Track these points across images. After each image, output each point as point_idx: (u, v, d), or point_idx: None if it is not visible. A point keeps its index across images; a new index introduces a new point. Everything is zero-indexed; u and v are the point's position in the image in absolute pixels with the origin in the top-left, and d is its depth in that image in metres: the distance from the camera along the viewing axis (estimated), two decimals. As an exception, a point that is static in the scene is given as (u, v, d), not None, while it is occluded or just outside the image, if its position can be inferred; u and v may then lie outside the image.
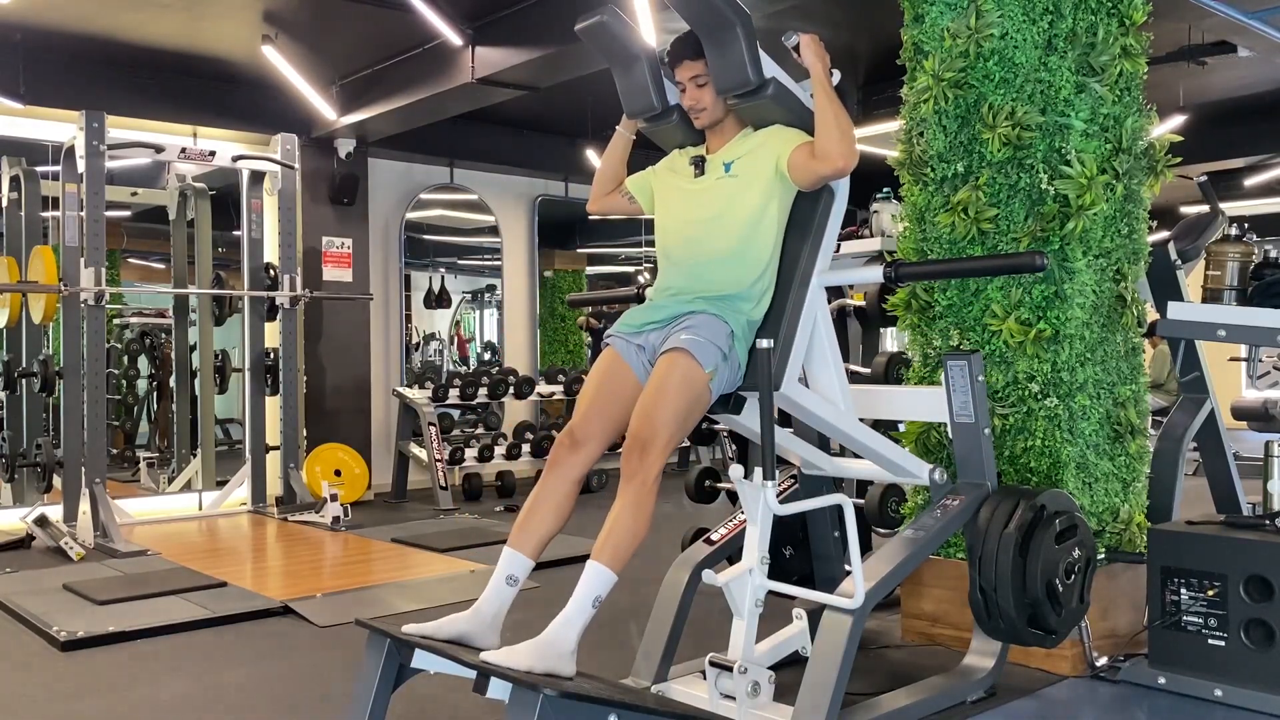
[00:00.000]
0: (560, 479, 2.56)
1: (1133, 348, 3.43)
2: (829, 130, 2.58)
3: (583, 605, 2.33)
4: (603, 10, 2.69)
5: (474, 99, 6.19)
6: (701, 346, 2.52)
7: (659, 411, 2.47)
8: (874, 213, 4.56)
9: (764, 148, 2.70)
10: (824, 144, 2.59)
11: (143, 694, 3.15)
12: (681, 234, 2.77)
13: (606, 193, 3.05)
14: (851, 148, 2.58)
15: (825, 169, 2.60)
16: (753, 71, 2.60)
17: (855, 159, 2.59)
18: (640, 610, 3.13)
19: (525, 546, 2.51)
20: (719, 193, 2.71)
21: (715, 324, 2.57)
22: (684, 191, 2.80)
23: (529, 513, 2.54)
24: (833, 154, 2.57)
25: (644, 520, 2.40)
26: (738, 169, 2.71)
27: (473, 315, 9.13)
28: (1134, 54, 3.36)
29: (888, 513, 3.76)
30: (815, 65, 2.67)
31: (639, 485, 2.40)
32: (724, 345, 2.55)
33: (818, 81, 2.65)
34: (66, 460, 5.77)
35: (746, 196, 2.67)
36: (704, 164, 2.77)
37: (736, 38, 2.56)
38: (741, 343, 2.61)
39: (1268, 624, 2.81)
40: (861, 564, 2.53)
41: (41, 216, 6.68)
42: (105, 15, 5.60)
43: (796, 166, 2.63)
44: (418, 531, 5.73)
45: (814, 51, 2.69)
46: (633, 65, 2.79)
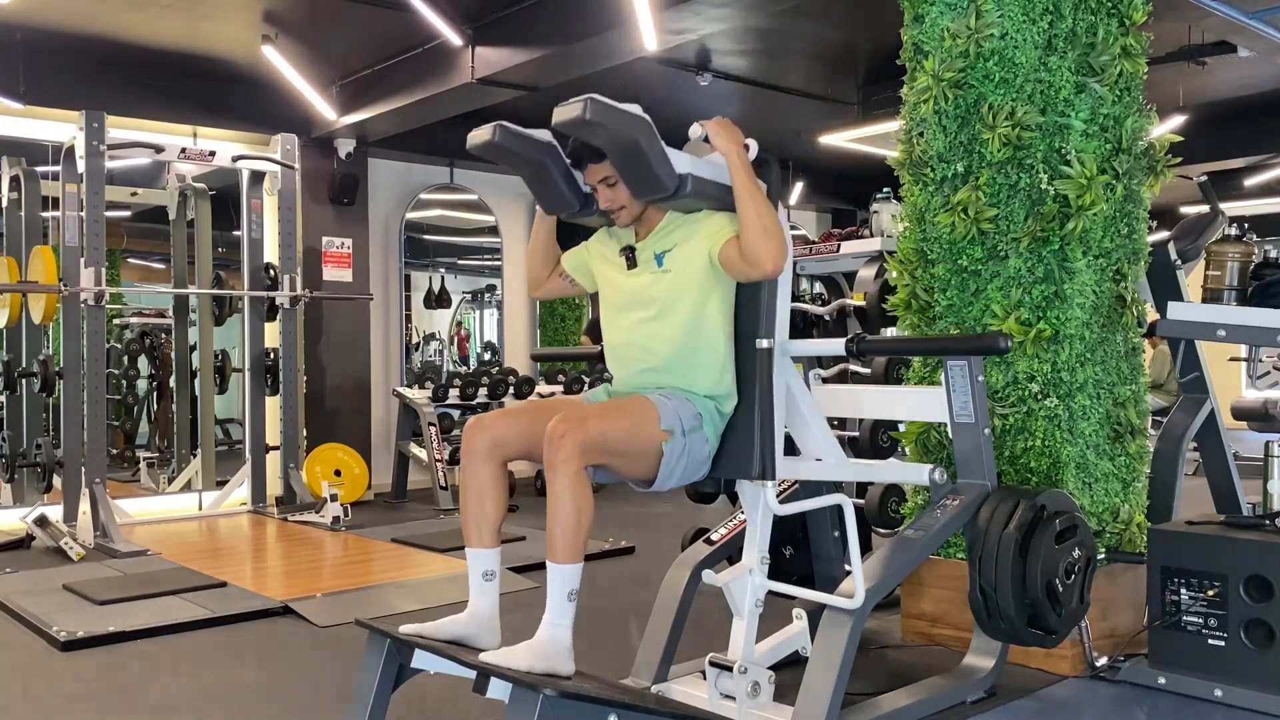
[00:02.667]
0: (475, 463, 2.47)
1: (1133, 348, 3.43)
2: (753, 233, 2.43)
3: (560, 604, 2.31)
4: (492, 127, 2.54)
5: (474, 99, 6.19)
6: (665, 407, 2.46)
7: (597, 418, 2.40)
8: (874, 213, 4.55)
9: (694, 239, 2.56)
10: (750, 249, 2.44)
11: (143, 694, 3.15)
12: (626, 338, 2.66)
13: (545, 277, 2.90)
14: (779, 247, 2.44)
15: (756, 274, 2.47)
16: (666, 179, 2.44)
17: (784, 258, 2.46)
18: (640, 610, 3.13)
19: (481, 540, 2.47)
20: (655, 291, 2.59)
21: (684, 401, 2.51)
22: (619, 288, 2.69)
23: (466, 508, 2.49)
24: (760, 258, 2.43)
25: (584, 504, 2.31)
26: (670, 263, 2.58)
27: (473, 315, 9.13)
28: (1134, 54, 3.36)
29: (888, 513, 3.76)
30: (728, 153, 2.50)
31: (563, 466, 2.30)
32: (686, 421, 2.48)
33: (734, 172, 2.48)
34: (66, 460, 5.77)
35: (684, 296, 2.55)
36: (634, 255, 2.64)
37: (641, 150, 2.39)
38: (710, 427, 2.53)
39: (1268, 624, 2.81)
40: (861, 564, 2.53)
41: (41, 216, 6.68)
42: (105, 15, 5.60)
43: (728, 263, 2.51)
44: (418, 531, 5.73)
45: (725, 136, 2.51)
46: (539, 169, 2.63)
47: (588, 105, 2.29)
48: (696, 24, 4.90)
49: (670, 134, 2.49)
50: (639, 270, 2.64)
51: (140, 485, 7.20)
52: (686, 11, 4.71)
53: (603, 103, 2.33)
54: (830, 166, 9.35)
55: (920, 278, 3.46)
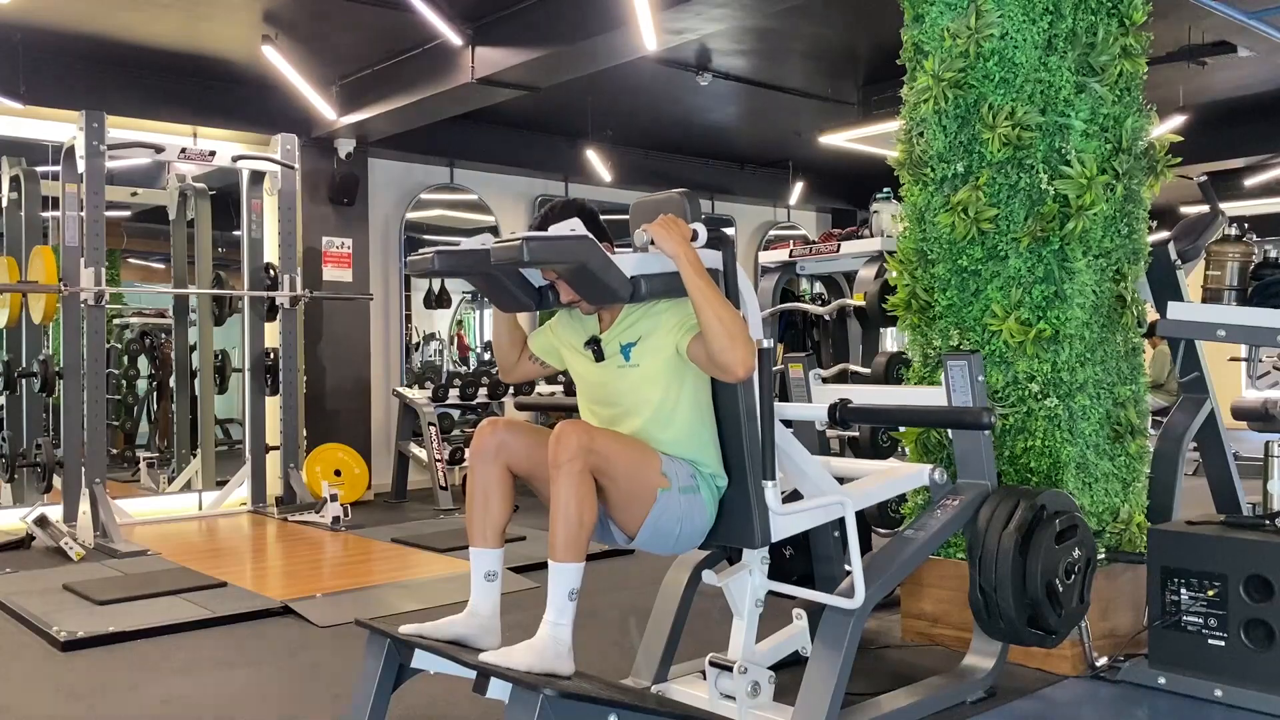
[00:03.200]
0: (484, 464, 2.48)
1: (1133, 348, 3.43)
2: (718, 341, 2.31)
3: (561, 604, 2.31)
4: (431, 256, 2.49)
5: (474, 99, 6.20)
6: (666, 459, 2.45)
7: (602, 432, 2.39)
8: (874, 213, 4.57)
9: (659, 332, 2.49)
10: (718, 357, 2.32)
11: (143, 694, 3.15)
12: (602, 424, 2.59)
13: (514, 363, 2.82)
14: (747, 350, 2.31)
15: (726, 379, 2.40)
16: (619, 288, 2.39)
17: (753, 362, 2.34)
18: (640, 610, 3.13)
19: (486, 540, 2.47)
20: (623, 384, 2.55)
21: (681, 461, 2.48)
22: (588, 379, 2.64)
23: (472, 508, 2.49)
24: (729, 364, 2.32)
25: (587, 504, 2.31)
26: (638, 356, 2.52)
27: (473, 315, 9.13)
28: (1134, 54, 3.36)
29: (888, 513, 3.77)
30: (676, 257, 2.36)
31: (567, 466, 2.29)
32: (682, 480, 2.45)
33: (685, 275, 2.35)
34: (66, 460, 5.77)
35: (654, 389, 2.50)
36: (600, 346, 2.57)
37: (588, 270, 2.35)
38: (708, 491, 2.49)
39: (1268, 624, 2.81)
40: (861, 564, 2.53)
41: (41, 216, 6.68)
42: (105, 15, 5.60)
43: (698, 361, 2.43)
44: (418, 531, 5.73)
45: (668, 239, 2.37)
46: (489, 279, 2.58)
47: (524, 247, 2.24)
48: (696, 24, 4.90)
49: (670, 134, 2.48)
50: (606, 364, 2.57)
51: (140, 485, 7.20)
52: (686, 11, 4.71)
53: (539, 240, 2.30)
54: (830, 166, 9.35)
55: (920, 278, 3.46)
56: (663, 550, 2.54)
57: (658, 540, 2.48)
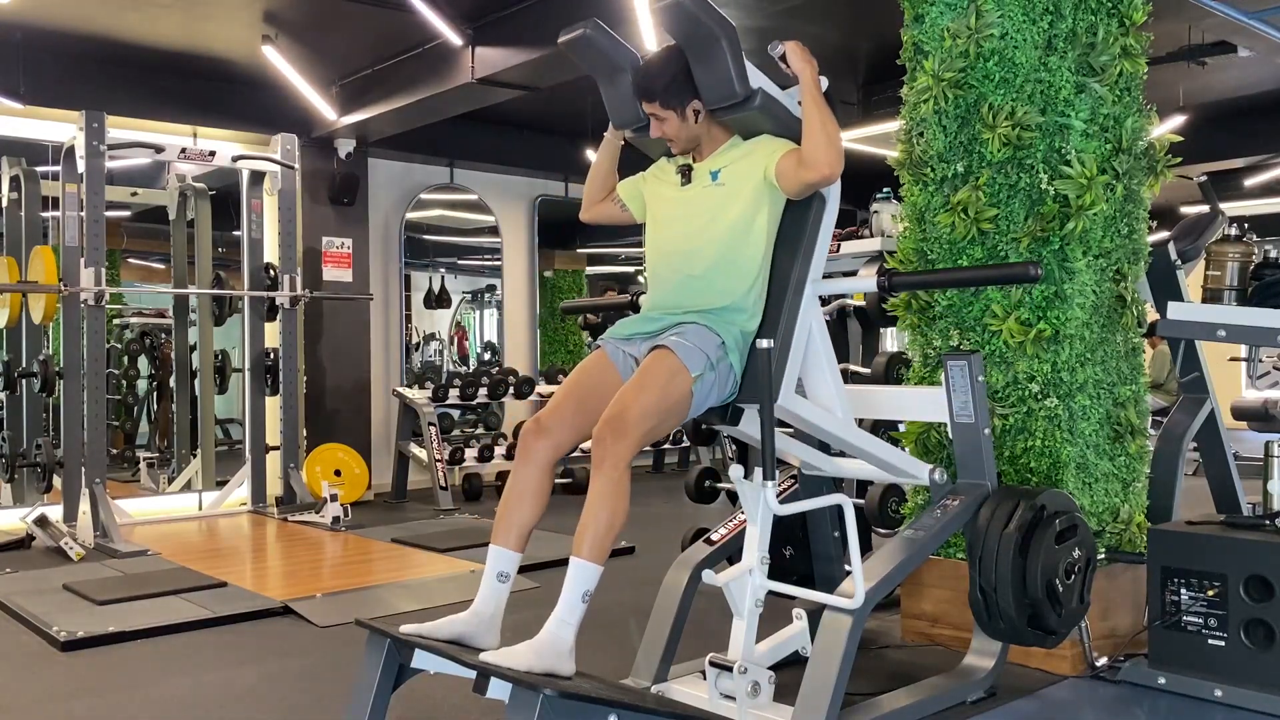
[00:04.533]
0: (530, 466, 2.52)
1: (1133, 348, 3.43)
2: (815, 137, 2.54)
3: (573, 603, 2.32)
4: (585, 23, 2.66)
5: (474, 99, 6.20)
6: (688, 351, 2.50)
7: (636, 401, 2.44)
8: (874, 213, 4.55)
9: (751, 156, 2.67)
10: (811, 151, 2.55)
11: (143, 694, 3.15)
12: (669, 247, 2.74)
13: (598, 200, 3.02)
14: (838, 155, 2.54)
15: (812, 176, 2.56)
16: (739, 84, 2.55)
17: (841, 166, 2.55)
18: (640, 610, 3.13)
19: (509, 540, 2.51)
20: (706, 202, 2.69)
21: (705, 333, 2.55)
22: (671, 201, 2.78)
23: (506, 506, 2.53)
24: (819, 161, 2.53)
25: (621, 507, 2.36)
26: (725, 177, 2.68)
27: (473, 315, 9.13)
28: (1134, 54, 3.36)
29: (888, 513, 3.76)
30: (804, 71, 2.62)
31: (609, 470, 2.35)
32: (712, 354, 2.53)
33: (806, 88, 2.60)
34: (66, 460, 5.77)
35: (734, 205, 2.64)
36: (690, 173, 2.73)
37: (721, 51, 2.50)
38: (735, 353, 2.58)
39: (1268, 624, 2.81)
40: (861, 564, 2.52)
41: (41, 216, 6.68)
42: (105, 15, 5.60)
43: (784, 174, 2.60)
44: (418, 531, 5.73)
45: (801, 58, 2.63)
46: (617, 76, 2.75)
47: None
48: (696, 24, 4.89)
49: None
50: (692, 185, 2.73)
51: (140, 485, 7.20)
52: (687, 12, 4.70)
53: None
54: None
55: (920, 278, 3.46)
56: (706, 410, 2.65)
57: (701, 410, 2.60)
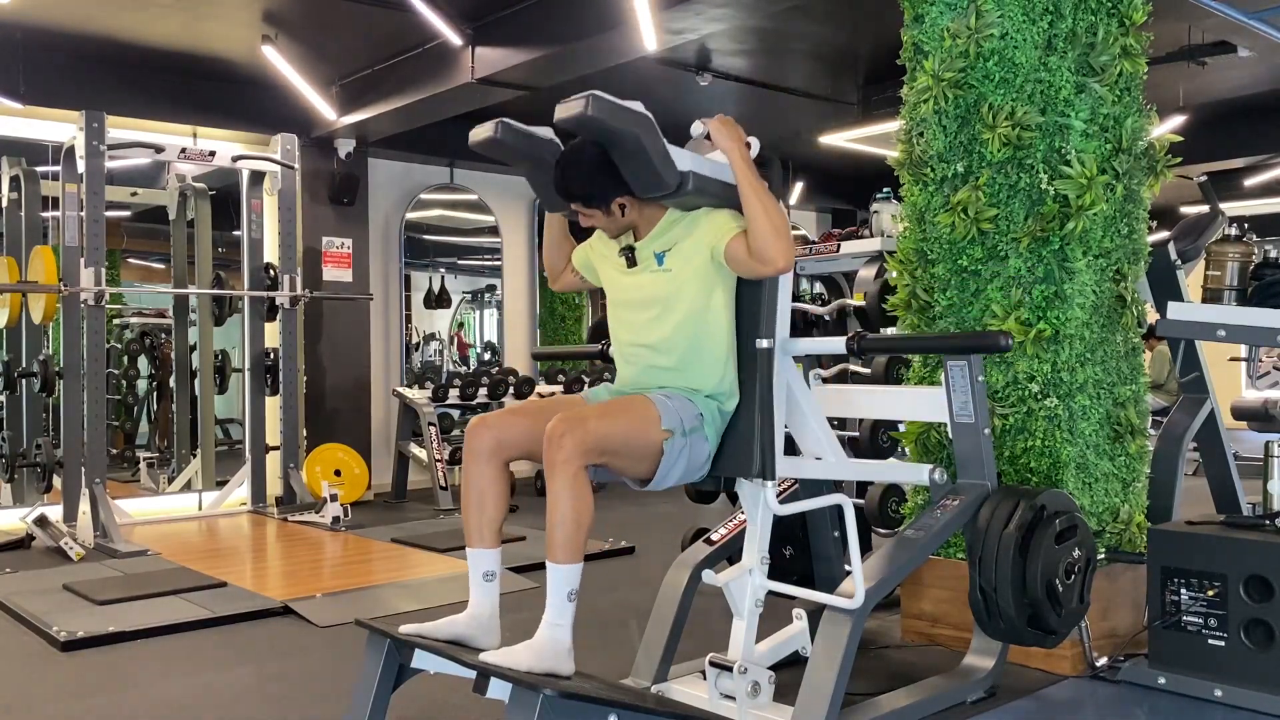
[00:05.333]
0: (477, 462, 2.47)
1: (1133, 348, 3.43)
2: (762, 233, 2.41)
3: (560, 605, 2.31)
4: (494, 125, 2.56)
5: (474, 99, 6.19)
6: (667, 407, 2.46)
7: (598, 417, 2.40)
8: (874, 213, 4.55)
9: (694, 235, 2.56)
10: (760, 248, 2.42)
11: (143, 694, 3.15)
12: (631, 337, 2.67)
13: (560, 271, 2.93)
14: (788, 245, 2.42)
15: (767, 271, 2.46)
16: (668, 176, 2.44)
17: (793, 255, 2.44)
18: (640, 610, 3.13)
19: (483, 540, 2.47)
20: (657, 289, 2.59)
21: (687, 403, 2.51)
22: (621, 285, 2.69)
23: (467, 508, 2.49)
24: (770, 256, 2.42)
25: (583, 505, 2.30)
26: (671, 261, 2.58)
27: (473, 315, 9.13)
28: (1134, 54, 3.36)
29: (888, 513, 3.76)
30: (732, 151, 2.49)
31: (563, 468, 2.29)
32: (687, 421, 2.47)
33: (737, 170, 2.47)
34: (66, 460, 5.77)
35: (687, 291, 2.55)
36: (634, 254, 2.63)
37: (641, 148, 2.39)
38: (711, 429, 2.52)
39: (1268, 624, 2.81)
40: (861, 564, 2.53)
41: (41, 216, 6.68)
42: (105, 15, 5.60)
43: (734, 260, 2.50)
44: (418, 531, 5.73)
45: (726, 135, 2.50)
46: (538, 166, 2.66)
47: (590, 101, 2.30)
48: (696, 24, 4.90)
49: (670, 134, 2.48)
50: (639, 269, 2.64)
51: (140, 485, 7.20)
52: (686, 11, 4.71)
53: (605, 99, 2.33)
54: (830, 166, 9.34)
55: (920, 278, 3.46)
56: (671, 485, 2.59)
57: (668, 480, 2.54)
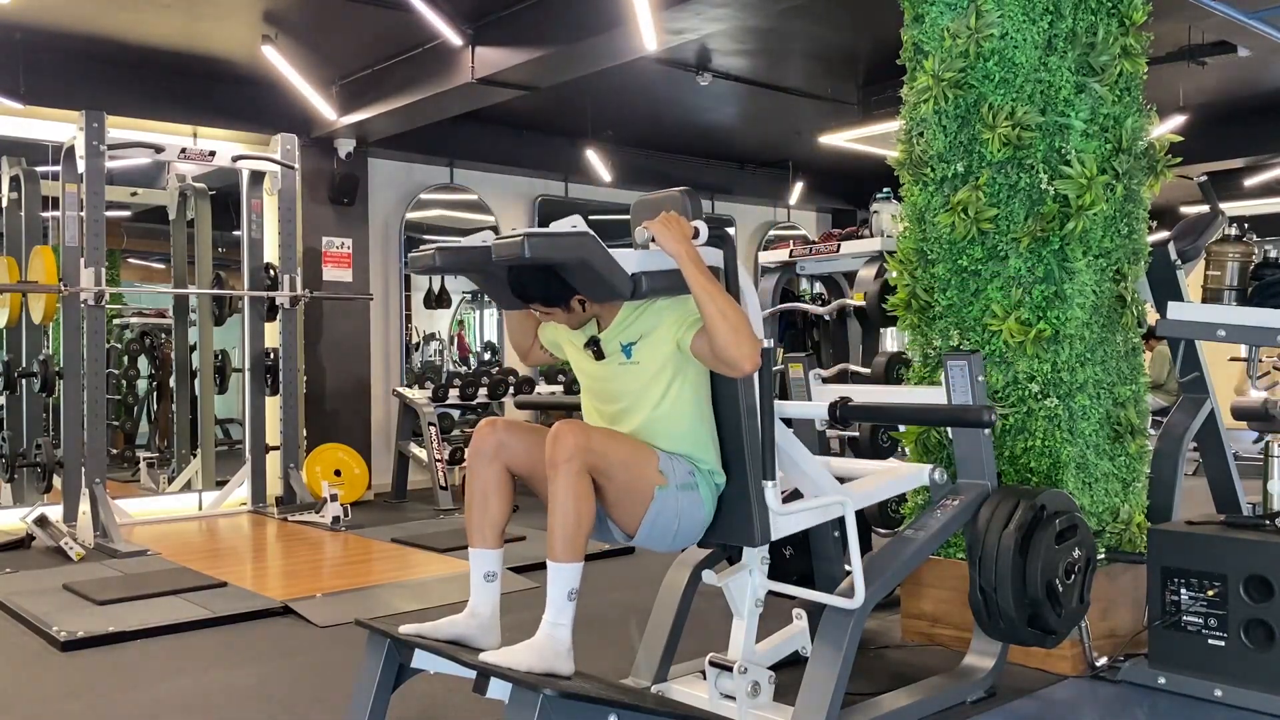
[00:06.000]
0: (481, 462, 2.48)
1: (1133, 348, 3.43)
2: (722, 335, 2.30)
3: (560, 604, 2.31)
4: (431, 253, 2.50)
5: (474, 99, 6.19)
6: (667, 459, 2.45)
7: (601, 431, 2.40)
8: (874, 213, 4.56)
9: (660, 329, 2.49)
10: (722, 350, 2.32)
11: (143, 694, 3.15)
12: (604, 421, 2.62)
13: (528, 348, 2.88)
14: (751, 344, 2.31)
15: (733, 374, 2.39)
16: (620, 285, 2.38)
17: (758, 353, 2.32)
18: (640, 610, 3.13)
19: (485, 540, 2.47)
20: (626, 382, 2.54)
21: (680, 459, 2.48)
22: (590, 375, 2.65)
23: (471, 508, 2.50)
24: (734, 359, 2.32)
25: (584, 505, 2.31)
26: (639, 354, 2.52)
27: (472, 315, 9.13)
28: (1134, 54, 3.36)
29: (888, 513, 3.76)
30: (677, 255, 2.35)
31: (564, 468, 2.29)
32: (680, 476, 2.45)
33: (687, 274, 2.35)
34: (66, 460, 5.77)
35: (658, 383, 2.49)
36: (600, 346, 2.57)
37: (589, 266, 2.34)
38: (706, 489, 2.49)
39: (1268, 624, 2.81)
40: (861, 564, 2.53)
41: (41, 216, 6.68)
42: (105, 15, 5.60)
43: (701, 357, 2.43)
44: (418, 531, 5.73)
45: (669, 237, 2.36)
46: (489, 275, 2.60)
47: (525, 243, 2.24)
48: (696, 24, 4.90)
49: (671, 134, 2.47)
50: (607, 361, 2.58)
51: (140, 485, 7.20)
52: (686, 11, 4.71)
53: (540, 235, 2.28)
54: (830, 166, 9.35)
55: (920, 278, 3.46)
56: (661, 547, 2.54)
57: (656, 537, 2.48)
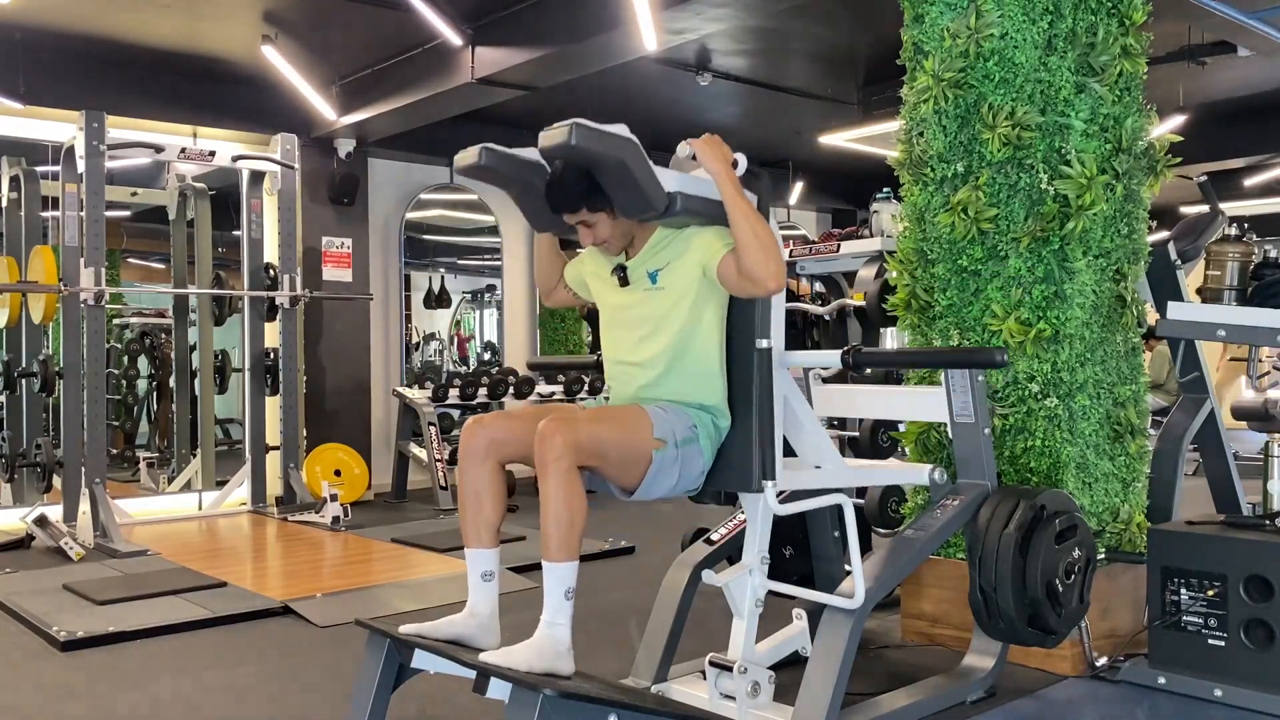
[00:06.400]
0: (472, 461, 2.50)
1: (1133, 348, 3.43)
2: (752, 253, 2.38)
3: (558, 603, 2.31)
4: (479, 149, 2.53)
5: (474, 99, 6.19)
6: (659, 417, 2.46)
7: (589, 420, 2.40)
8: (874, 213, 4.56)
9: (687, 254, 2.54)
10: (750, 268, 2.39)
11: (143, 694, 3.15)
12: (622, 357, 2.66)
13: (552, 289, 2.93)
14: (779, 264, 2.40)
15: (758, 292, 2.44)
16: (655, 198, 2.42)
17: (784, 274, 2.42)
18: (640, 610, 3.13)
19: (480, 540, 2.48)
20: (650, 308, 2.58)
21: (682, 413, 2.50)
22: (614, 305, 2.68)
23: (464, 509, 2.51)
24: (761, 277, 2.39)
25: (576, 503, 2.30)
26: (665, 280, 2.56)
27: (473, 315, 9.13)
28: (1134, 54, 3.36)
29: (888, 513, 3.76)
30: (719, 173, 2.44)
31: (554, 466, 2.29)
32: (680, 431, 2.46)
33: (724, 192, 2.44)
34: (66, 460, 5.77)
35: (679, 310, 2.54)
36: (626, 273, 2.62)
37: (628, 171, 2.37)
38: (706, 441, 2.51)
39: (1268, 624, 2.81)
40: (861, 564, 2.53)
41: (41, 216, 6.68)
42: (105, 15, 5.60)
43: (726, 279, 2.48)
44: (418, 531, 5.73)
45: (712, 156, 2.45)
46: (528, 188, 2.64)
47: (573, 130, 2.26)
48: (696, 24, 4.90)
49: (672, 135, 2.48)
50: (632, 288, 2.62)
51: (140, 485, 7.19)
52: (686, 11, 4.71)
53: (588, 127, 2.30)
54: (830, 166, 9.35)
55: (920, 278, 3.46)
56: (660, 496, 2.55)
57: (654, 490, 2.51)
